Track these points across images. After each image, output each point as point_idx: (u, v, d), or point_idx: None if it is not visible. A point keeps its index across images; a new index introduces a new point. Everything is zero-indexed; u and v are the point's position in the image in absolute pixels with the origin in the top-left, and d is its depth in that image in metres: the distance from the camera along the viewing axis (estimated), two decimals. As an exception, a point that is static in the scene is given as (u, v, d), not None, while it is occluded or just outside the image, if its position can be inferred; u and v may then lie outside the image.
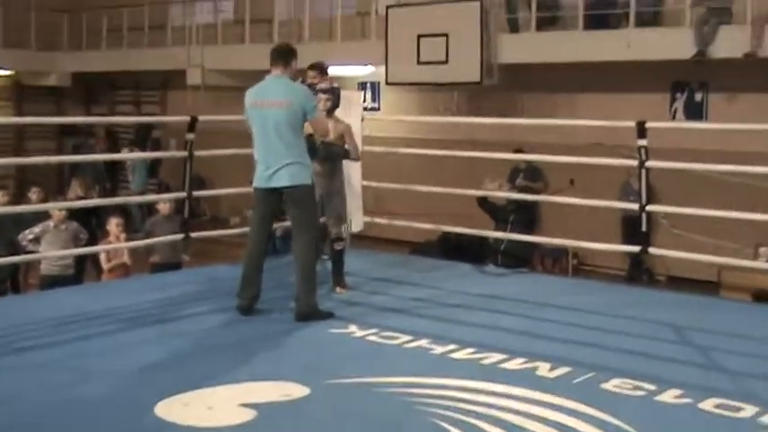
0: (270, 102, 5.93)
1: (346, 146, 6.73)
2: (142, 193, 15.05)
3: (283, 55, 6.09)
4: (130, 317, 5.94)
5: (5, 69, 18.96)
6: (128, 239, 8.79)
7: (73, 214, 8.85)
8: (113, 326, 5.69)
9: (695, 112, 12.21)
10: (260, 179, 6.01)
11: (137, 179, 15.88)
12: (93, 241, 9.17)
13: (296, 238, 6.05)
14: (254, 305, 6.06)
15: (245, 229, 9.38)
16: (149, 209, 12.10)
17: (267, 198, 6.04)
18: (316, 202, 6.24)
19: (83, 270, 9.45)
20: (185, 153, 7.62)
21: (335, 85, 6.90)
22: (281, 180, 5.90)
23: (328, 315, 5.94)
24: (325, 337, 5.53)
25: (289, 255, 6.60)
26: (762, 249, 10.59)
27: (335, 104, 6.75)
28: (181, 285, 6.97)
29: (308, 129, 6.16)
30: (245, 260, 6.15)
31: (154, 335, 5.53)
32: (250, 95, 6.10)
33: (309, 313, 5.89)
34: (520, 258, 8.39)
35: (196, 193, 8.19)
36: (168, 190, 12.64)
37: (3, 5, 17.55)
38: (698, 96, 12.25)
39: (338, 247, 6.81)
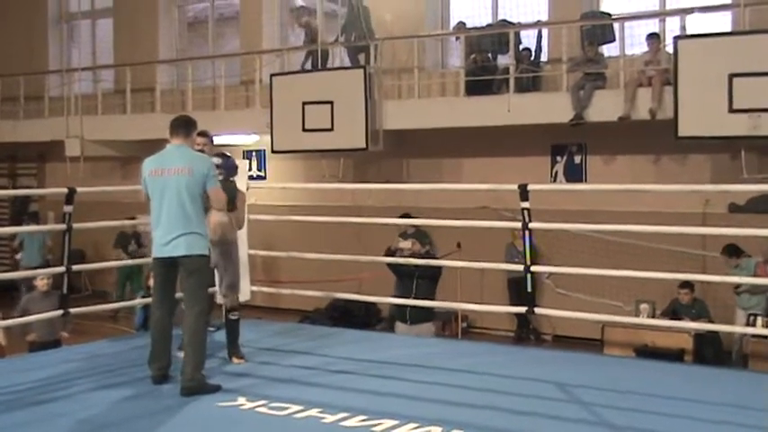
0: (172, 169, 5.89)
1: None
2: (36, 267, 14.39)
3: (185, 125, 6.11)
4: (5, 399, 5.64)
5: None
6: (3, 318, 8.40)
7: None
8: (-14, 409, 5.39)
9: (575, 173, 12.58)
10: (157, 248, 5.94)
11: (28, 253, 15.23)
12: (-35, 321, 8.73)
13: (188, 309, 5.95)
14: (166, 374, 6.00)
15: (128, 303, 9.18)
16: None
17: (165, 267, 5.97)
18: (209, 274, 6.15)
19: (-45, 351, 8.98)
20: (63, 226, 7.37)
21: (228, 154, 6.86)
22: (178, 249, 5.84)
23: (215, 388, 5.79)
24: (212, 411, 5.37)
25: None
26: (642, 306, 10.89)
27: (229, 175, 6.72)
28: (60, 364, 6.67)
29: None
30: (152, 331, 6.12)
31: (31, 417, 5.25)
32: (150, 164, 6.03)
33: (196, 387, 5.74)
34: (426, 312, 8.55)
35: (75, 267, 7.92)
36: (47, 265, 12.20)
37: None
38: (577, 159, 12.64)
39: (233, 317, 6.71)
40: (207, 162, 6.09)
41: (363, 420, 5.06)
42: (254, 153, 15.21)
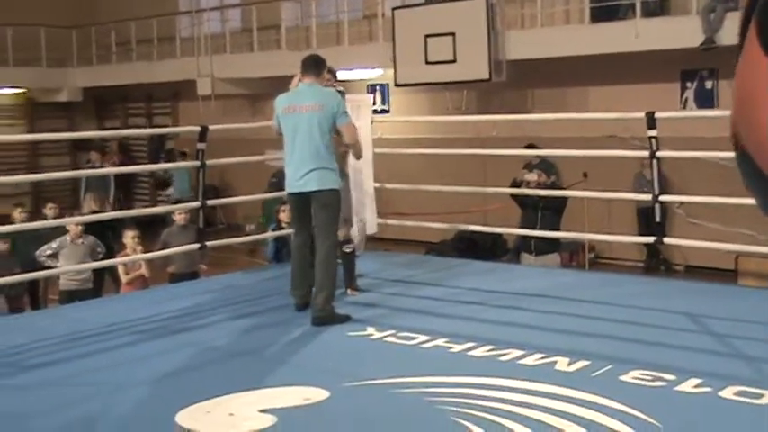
0: (303, 106, 6.05)
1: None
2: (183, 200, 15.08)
3: (315, 64, 6.25)
4: (149, 328, 5.96)
5: (17, 87, 19.10)
6: (144, 251, 8.83)
7: (89, 228, 8.89)
8: (131, 337, 5.72)
9: (706, 99, 12.15)
10: (290, 184, 6.13)
11: (178, 186, 15.95)
12: (110, 254, 9.22)
13: (320, 243, 6.11)
14: (308, 301, 6.18)
15: (261, 235, 9.47)
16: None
17: (299, 201, 6.17)
18: (339, 208, 6.27)
19: (102, 283, 9.50)
20: (197, 163, 7.64)
21: (340, 88, 6.92)
22: (310, 184, 6.00)
23: (345, 318, 5.97)
24: (343, 340, 5.54)
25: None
26: (779, 235, 10.51)
27: None
28: (198, 295, 7.00)
29: None
30: (292, 260, 6.40)
31: (172, 345, 5.54)
32: (282, 101, 6.21)
33: (326, 317, 5.92)
34: (551, 243, 8.60)
35: (210, 202, 8.21)
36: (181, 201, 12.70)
37: (11, 24, 17.66)
38: (708, 84, 12.19)
39: (348, 249, 6.84)
40: (337, 97, 6.19)
41: (490, 350, 5.12)
42: (377, 87, 15.27)
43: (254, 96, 16.24)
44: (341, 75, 7.81)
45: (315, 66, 6.22)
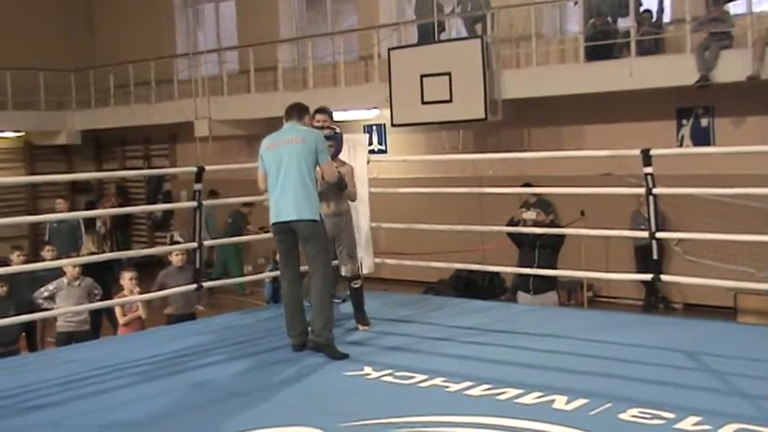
0: (285, 141, 6.21)
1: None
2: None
3: (298, 110, 6.42)
4: (145, 369, 5.93)
5: (16, 131, 19.17)
6: (142, 292, 8.80)
7: (86, 270, 8.88)
8: (127, 379, 5.69)
9: (702, 137, 12.20)
10: (272, 214, 6.23)
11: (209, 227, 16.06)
12: (107, 296, 9.19)
13: (312, 274, 6.22)
14: (305, 341, 6.20)
15: (258, 276, 9.46)
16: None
17: (282, 233, 6.22)
18: (326, 238, 6.35)
19: (99, 325, 9.48)
20: (194, 203, 7.65)
21: (338, 130, 6.97)
22: (289, 214, 6.09)
23: (342, 356, 5.97)
24: (340, 380, 5.52)
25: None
26: (777, 272, 10.51)
27: (338, 150, 6.87)
28: (196, 335, 6.98)
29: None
30: (284, 302, 6.37)
31: (170, 386, 5.51)
32: (266, 141, 6.38)
33: (323, 344, 6.01)
34: (549, 282, 8.58)
35: (207, 243, 8.20)
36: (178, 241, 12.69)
37: (10, 68, 17.77)
38: (704, 122, 12.25)
39: (356, 285, 6.88)
40: (318, 134, 6.33)
41: (488, 389, 5.10)
42: (374, 127, 15.33)
43: (252, 137, 16.28)
44: (337, 116, 7.86)
45: (297, 110, 6.40)
